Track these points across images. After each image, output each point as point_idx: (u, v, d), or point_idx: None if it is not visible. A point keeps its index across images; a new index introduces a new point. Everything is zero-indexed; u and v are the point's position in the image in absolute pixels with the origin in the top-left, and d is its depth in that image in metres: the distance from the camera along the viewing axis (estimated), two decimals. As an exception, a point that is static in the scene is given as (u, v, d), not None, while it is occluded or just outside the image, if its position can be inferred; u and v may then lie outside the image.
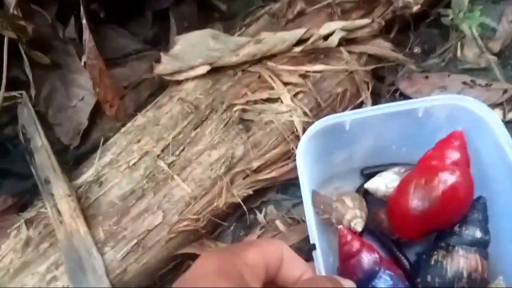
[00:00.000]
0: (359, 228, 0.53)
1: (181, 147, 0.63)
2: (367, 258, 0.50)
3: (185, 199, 0.60)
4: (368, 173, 0.61)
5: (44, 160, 0.64)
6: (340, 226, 0.53)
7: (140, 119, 0.67)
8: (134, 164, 0.62)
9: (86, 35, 0.66)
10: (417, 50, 0.75)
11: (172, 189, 0.60)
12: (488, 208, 0.52)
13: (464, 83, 0.69)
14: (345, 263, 0.51)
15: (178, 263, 0.62)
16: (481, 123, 0.53)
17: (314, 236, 0.47)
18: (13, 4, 0.66)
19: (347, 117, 0.54)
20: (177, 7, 0.79)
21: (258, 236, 0.62)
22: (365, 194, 0.59)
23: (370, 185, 0.57)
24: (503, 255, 0.52)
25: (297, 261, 0.33)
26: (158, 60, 0.69)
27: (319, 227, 0.52)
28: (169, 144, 0.63)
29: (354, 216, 0.54)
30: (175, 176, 0.61)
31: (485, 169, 0.54)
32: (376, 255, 0.51)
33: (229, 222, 0.64)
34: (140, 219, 0.59)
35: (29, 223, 0.61)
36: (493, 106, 0.67)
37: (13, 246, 0.60)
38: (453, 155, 0.51)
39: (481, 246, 0.51)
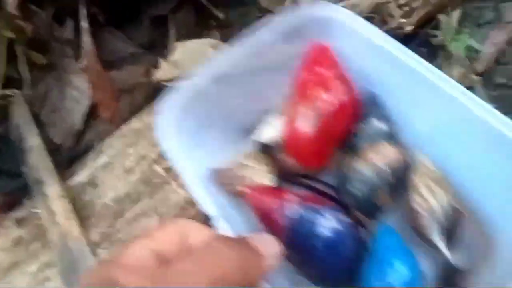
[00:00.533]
0: (270, 182, 0.50)
1: (177, 153, 0.64)
2: (284, 205, 0.45)
3: (180, 204, 0.60)
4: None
5: (38, 160, 0.64)
6: (246, 190, 0.48)
7: (136, 123, 0.68)
8: (130, 167, 0.63)
9: (86, 37, 0.66)
10: (407, 67, 0.78)
11: (168, 194, 0.61)
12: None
13: (450, 101, 0.72)
14: (269, 224, 0.46)
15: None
16: (342, 27, 0.50)
17: (207, 207, 0.44)
18: (13, 4, 0.66)
19: (198, 79, 0.49)
20: (175, 14, 0.80)
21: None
22: (267, 149, 0.54)
23: (261, 136, 0.52)
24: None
25: (202, 231, 0.30)
26: (154, 65, 0.70)
27: (234, 205, 0.49)
28: (165, 149, 0.64)
29: (260, 173, 0.51)
30: (171, 181, 0.61)
31: (365, 71, 0.51)
32: (294, 196, 0.46)
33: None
34: (135, 222, 0.60)
35: (20, 222, 0.61)
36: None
37: (2, 245, 0.60)
38: (323, 65, 0.48)
39: (389, 136, 0.49)
